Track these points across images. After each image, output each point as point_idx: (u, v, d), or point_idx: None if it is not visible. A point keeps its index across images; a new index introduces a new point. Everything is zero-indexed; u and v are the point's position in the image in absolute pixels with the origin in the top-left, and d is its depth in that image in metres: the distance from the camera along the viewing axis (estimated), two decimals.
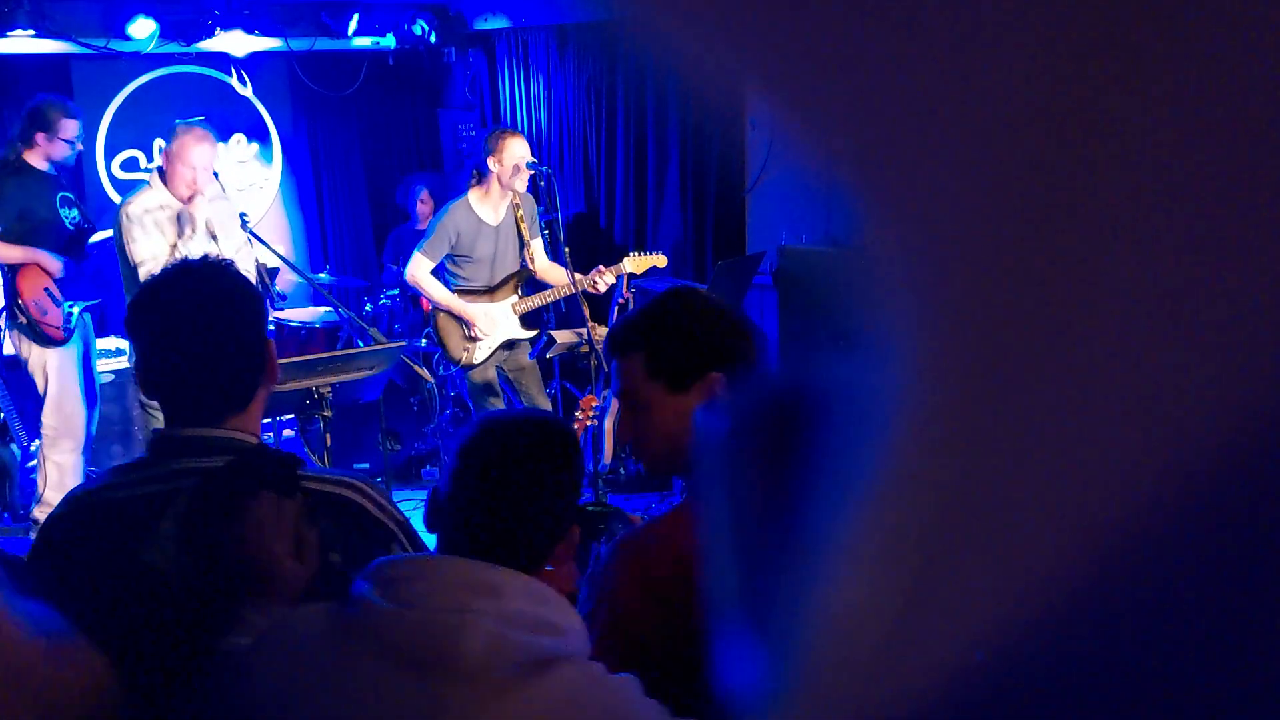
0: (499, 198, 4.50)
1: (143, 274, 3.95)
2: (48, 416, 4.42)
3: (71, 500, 1.52)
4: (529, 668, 1.13)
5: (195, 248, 3.99)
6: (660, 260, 4.83)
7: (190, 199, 4.09)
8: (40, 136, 4.40)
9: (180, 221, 4.08)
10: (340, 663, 1.17)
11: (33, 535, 4.45)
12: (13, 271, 4.35)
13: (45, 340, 4.36)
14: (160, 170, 4.17)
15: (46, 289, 4.38)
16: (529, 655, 1.13)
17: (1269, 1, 0.37)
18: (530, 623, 1.14)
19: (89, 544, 1.45)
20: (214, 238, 4.14)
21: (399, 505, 1.62)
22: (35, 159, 4.42)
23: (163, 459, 1.49)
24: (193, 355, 1.48)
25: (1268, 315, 0.40)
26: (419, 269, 4.46)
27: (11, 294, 4.35)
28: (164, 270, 1.62)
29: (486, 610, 1.13)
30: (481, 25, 6.72)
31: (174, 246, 4.02)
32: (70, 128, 4.45)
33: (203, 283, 1.54)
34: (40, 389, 4.41)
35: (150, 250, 4.00)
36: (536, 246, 4.67)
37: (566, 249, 4.53)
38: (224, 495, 1.40)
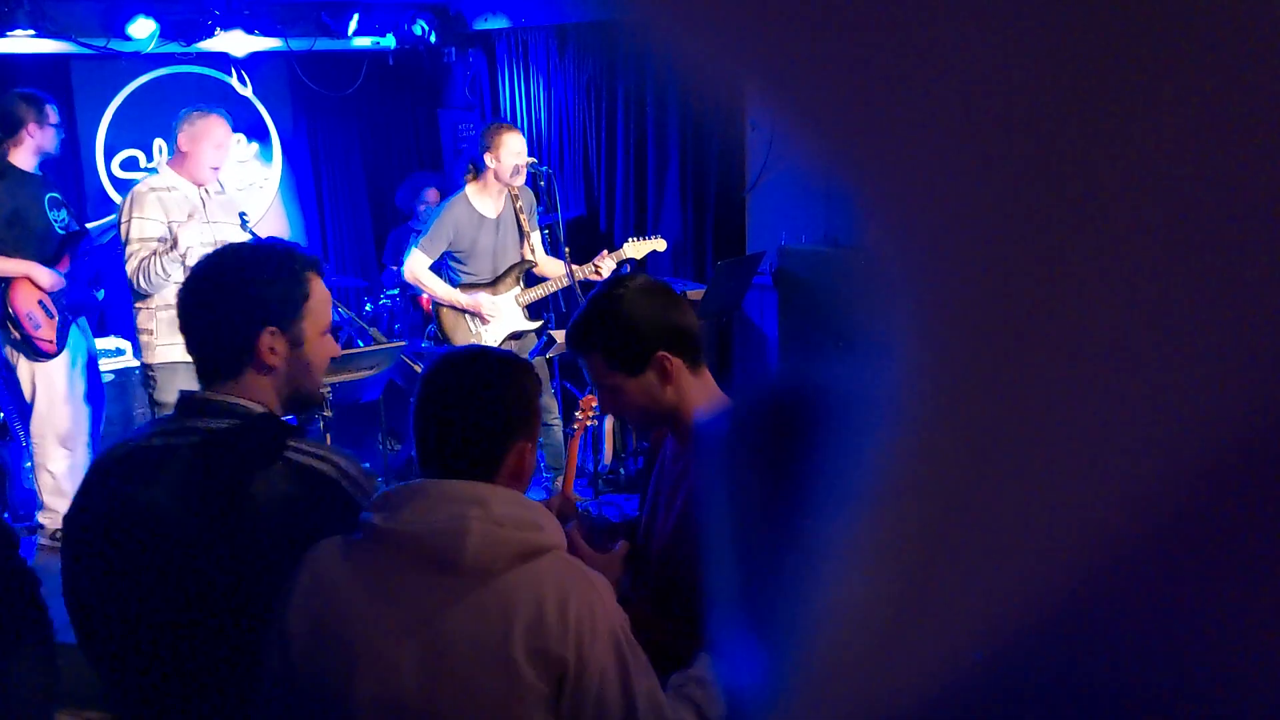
0: (496, 190, 4.50)
1: (128, 256, 3.91)
2: (37, 426, 4.35)
3: (108, 448, 1.74)
4: (518, 558, 1.42)
5: (190, 234, 3.93)
6: (660, 244, 4.84)
7: (204, 182, 4.06)
8: (32, 127, 4.26)
9: (194, 202, 4.03)
10: (361, 574, 1.43)
11: (37, 538, 4.46)
12: (4, 283, 4.22)
13: (36, 354, 4.27)
14: (172, 157, 4.11)
15: (40, 301, 4.27)
16: (518, 548, 1.42)
17: (1269, 1, 0.37)
18: (515, 523, 1.43)
19: (108, 481, 1.65)
20: (252, 233, 4.09)
21: None
22: (21, 158, 4.28)
23: (182, 416, 1.69)
24: (185, 322, 1.71)
25: (1268, 315, 0.40)
26: (418, 265, 4.45)
27: (3, 306, 4.22)
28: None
29: (478, 517, 1.41)
30: (481, 25, 6.73)
31: (169, 224, 3.95)
32: (52, 113, 4.33)
33: (201, 264, 1.75)
34: (28, 397, 4.32)
35: (139, 232, 3.93)
36: (535, 240, 4.67)
37: (567, 249, 4.52)
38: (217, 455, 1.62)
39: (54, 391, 4.35)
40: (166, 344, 3.99)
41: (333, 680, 1.41)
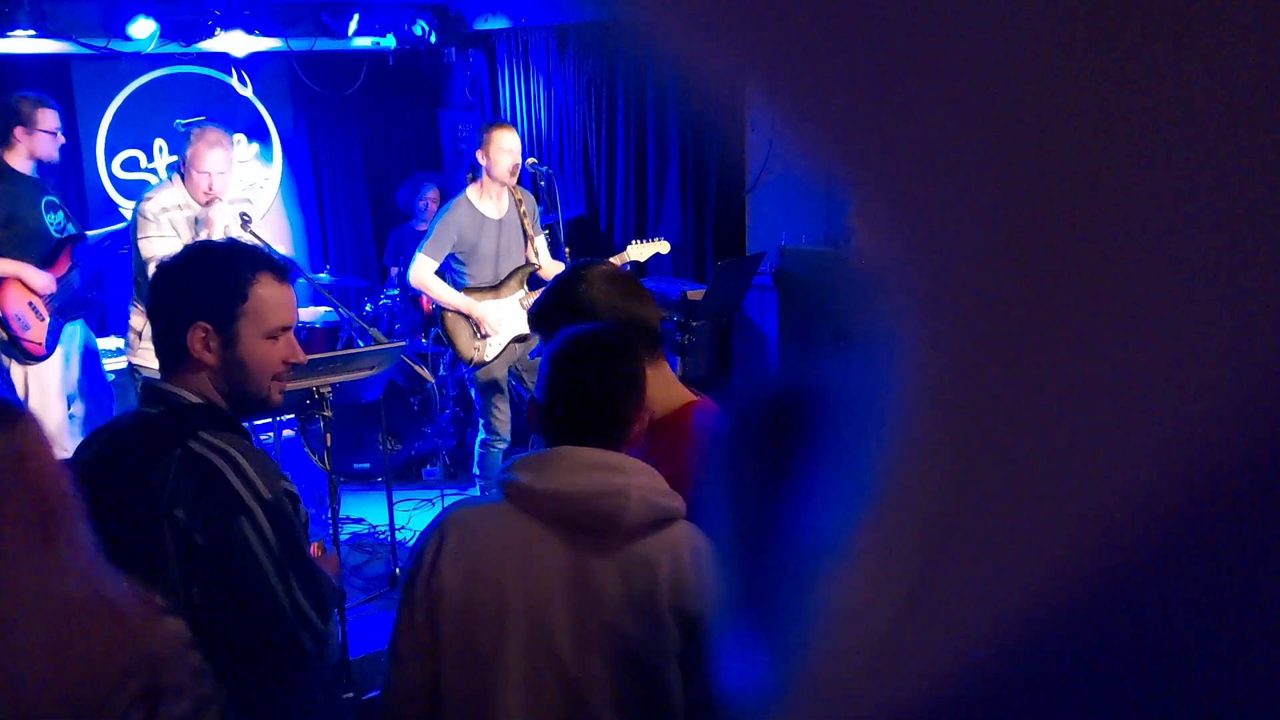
0: (497, 192, 4.49)
1: (151, 270, 3.91)
2: None
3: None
4: (657, 523, 1.56)
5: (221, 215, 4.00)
6: (663, 246, 4.84)
7: (209, 203, 4.06)
8: (19, 131, 4.22)
9: (196, 225, 4.05)
10: (513, 532, 1.54)
11: None
12: None
13: (25, 357, 4.25)
14: (179, 171, 4.13)
15: (30, 303, 4.23)
16: (659, 514, 1.56)
17: (1269, 1, 0.37)
18: (655, 491, 1.56)
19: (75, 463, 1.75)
20: (254, 234, 4.10)
21: (396, 505, 1.73)
22: (17, 160, 4.25)
23: (139, 402, 1.82)
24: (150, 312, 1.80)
25: (1268, 315, 0.40)
26: (423, 270, 4.44)
27: None
28: None
29: (634, 484, 1.54)
30: (481, 25, 6.72)
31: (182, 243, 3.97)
32: (48, 118, 4.27)
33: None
34: (20, 397, 4.25)
35: (163, 248, 3.94)
36: (540, 244, 4.66)
37: (567, 249, 4.52)
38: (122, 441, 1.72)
39: (47, 392, 4.34)
40: (149, 348, 3.98)
41: (486, 635, 1.51)
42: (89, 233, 4.63)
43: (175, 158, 6.31)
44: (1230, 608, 0.46)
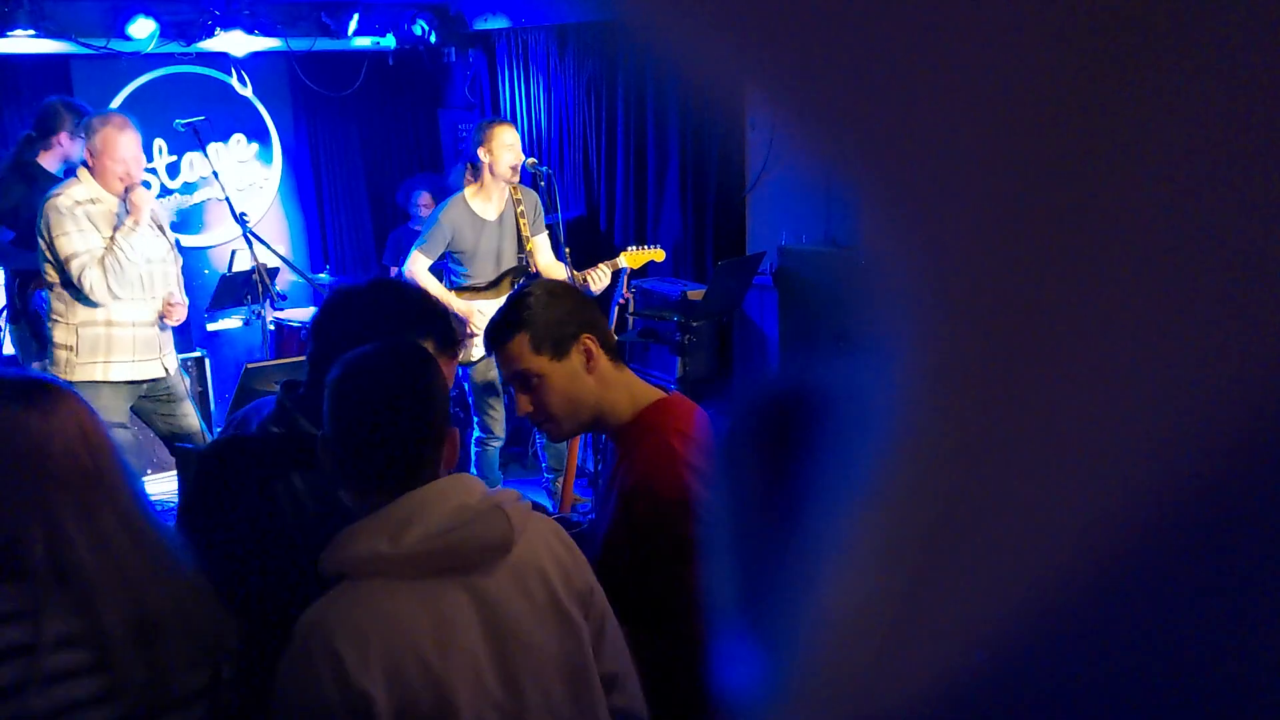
0: (496, 192, 4.48)
1: (74, 268, 3.70)
2: None
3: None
4: (524, 523, 1.48)
5: (141, 241, 3.77)
6: (658, 254, 4.82)
7: (128, 189, 3.79)
8: (64, 136, 4.25)
9: (120, 216, 3.80)
10: (411, 607, 1.37)
11: None
12: (17, 274, 4.27)
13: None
14: (85, 164, 3.84)
15: None
16: (522, 515, 1.48)
17: (1269, 1, 0.37)
18: (506, 499, 1.47)
19: None
20: (161, 230, 3.96)
21: None
22: (50, 161, 4.29)
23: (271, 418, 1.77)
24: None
25: (1268, 315, 0.40)
26: (417, 267, 4.44)
27: (22, 302, 4.26)
28: None
29: (498, 502, 1.45)
30: (481, 25, 6.72)
31: (111, 239, 3.75)
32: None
33: None
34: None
35: (84, 244, 3.71)
36: (539, 243, 4.64)
37: (567, 249, 4.52)
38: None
39: None
40: (87, 362, 3.82)
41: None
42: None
43: (175, 158, 6.32)
44: (1231, 608, 0.46)
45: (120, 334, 3.86)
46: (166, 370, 4.02)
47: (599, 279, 4.58)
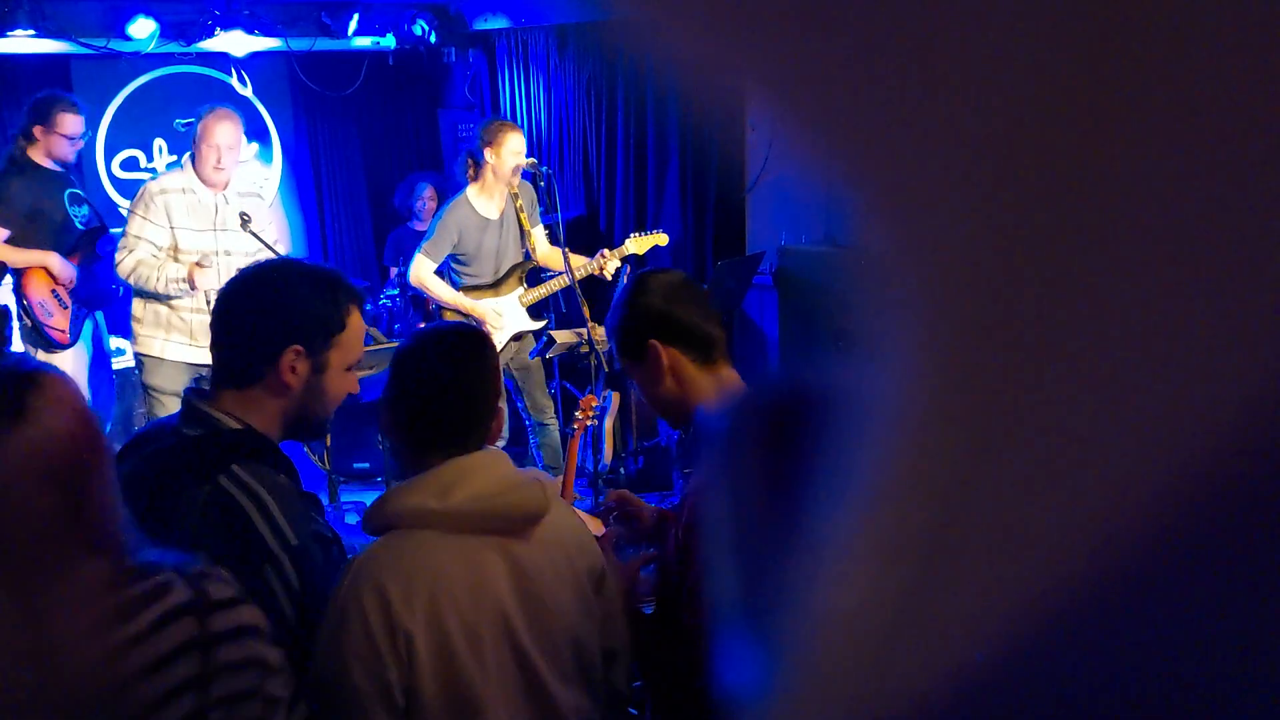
0: (497, 190, 4.48)
1: (122, 251, 3.92)
2: None
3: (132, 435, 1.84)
4: (554, 499, 1.65)
5: (232, 240, 3.97)
6: (662, 238, 4.83)
7: (224, 185, 4.02)
8: (38, 130, 4.30)
9: (215, 209, 4.00)
10: (453, 557, 1.53)
11: None
12: (19, 272, 4.29)
13: (50, 344, 4.31)
14: (190, 152, 4.08)
15: (54, 291, 4.32)
16: (554, 490, 1.67)
17: (1269, 1, 0.37)
18: (540, 474, 1.69)
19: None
20: (254, 234, 4.06)
21: None
22: (40, 155, 4.34)
23: (181, 417, 1.72)
24: (217, 323, 1.75)
25: (1268, 315, 0.40)
26: (423, 270, 4.43)
27: (17, 294, 4.29)
28: None
29: (533, 474, 1.64)
30: (481, 25, 6.72)
31: (172, 230, 3.94)
32: (69, 123, 4.34)
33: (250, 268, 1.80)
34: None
35: (143, 231, 3.93)
36: (538, 234, 4.65)
37: (567, 249, 4.52)
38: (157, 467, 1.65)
39: None
40: (149, 335, 4.05)
41: (469, 672, 1.50)
42: (114, 230, 4.66)
43: (175, 157, 6.32)
44: (1231, 608, 0.46)
45: (181, 317, 4.04)
46: None
47: (615, 265, 4.58)
